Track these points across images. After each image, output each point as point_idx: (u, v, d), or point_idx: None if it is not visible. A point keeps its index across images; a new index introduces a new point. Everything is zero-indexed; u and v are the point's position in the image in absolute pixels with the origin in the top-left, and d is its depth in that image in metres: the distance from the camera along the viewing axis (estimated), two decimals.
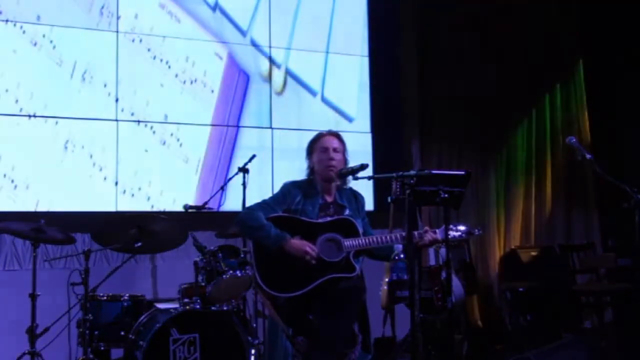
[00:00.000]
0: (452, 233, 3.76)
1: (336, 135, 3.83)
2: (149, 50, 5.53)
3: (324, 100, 6.16)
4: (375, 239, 3.64)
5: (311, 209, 3.70)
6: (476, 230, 3.92)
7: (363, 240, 3.62)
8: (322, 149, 3.75)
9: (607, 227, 6.94)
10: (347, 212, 3.75)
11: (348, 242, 3.60)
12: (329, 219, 3.68)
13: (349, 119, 6.23)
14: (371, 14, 6.44)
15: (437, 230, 3.72)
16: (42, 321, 4.17)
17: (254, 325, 4.72)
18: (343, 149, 3.81)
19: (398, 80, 6.51)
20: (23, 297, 4.18)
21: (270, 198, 3.76)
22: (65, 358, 4.35)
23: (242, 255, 4.45)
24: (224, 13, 5.84)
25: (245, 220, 3.65)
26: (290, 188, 3.75)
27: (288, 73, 6.05)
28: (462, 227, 3.81)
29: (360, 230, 3.68)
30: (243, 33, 5.91)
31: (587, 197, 7.00)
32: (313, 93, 6.14)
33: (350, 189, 3.88)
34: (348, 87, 6.30)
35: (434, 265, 5.18)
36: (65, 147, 5.20)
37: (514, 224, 6.75)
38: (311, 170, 3.81)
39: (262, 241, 3.57)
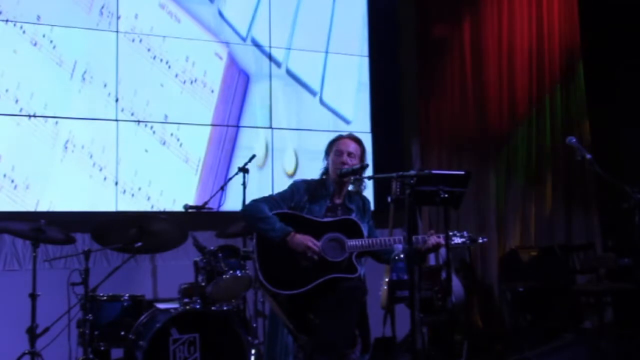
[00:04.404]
0: (456, 240, 3.77)
1: (355, 139, 3.86)
2: (149, 50, 5.53)
3: (323, 100, 6.16)
4: (378, 241, 3.65)
5: (318, 208, 3.71)
6: (480, 238, 3.93)
7: (366, 242, 3.63)
8: (338, 151, 3.78)
9: (607, 227, 6.93)
10: (353, 215, 3.76)
11: (351, 243, 3.61)
12: (334, 218, 3.69)
13: (347, 122, 6.22)
14: (371, 14, 6.44)
15: (441, 236, 3.72)
16: (42, 321, 4.17)
17: (254, 325, 4.72)
18: (360, 154, 3.83)
19: (398, 80, 6.51)
20: (23, 297, 4.18)
21: (278, 194, 3.77)
22: (65, 358, 4.34)
23: (242, 255, 4.44)
24: (224, 13, 5.84)
25: (251, 211, 3.66)
26: (299, 186, 3.76)
27: (288, 73, 6.05)
28: (466, 234, 3.83)
29: (365, 233, 3.69)
30: (243, 33, 5.91)
31: (587, 197, 7.00)
32: (313, 93, 6.14)
33: (357, 192, 3.89)
34: (347, 88, 6.29)
35: (434, 265, 5.18)
36: (65, 147, 5.20)
37: (514, 224, 6.75)
38: (326, 170, 3.83)
39: (266, 234, 3.57)
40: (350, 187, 3.87)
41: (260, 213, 3.60)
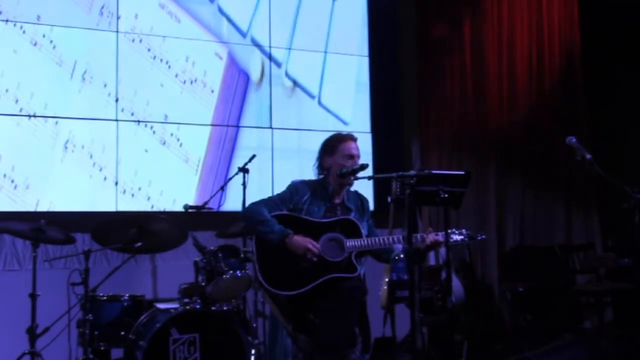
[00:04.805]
0: (455, 237, 3.77)
1: (356, 139, 3.87)
2: (149, 50, 5.53)
3: (321, 102, 6.15)
4: (377, 241, 3.65)
5: (317, 209, 3.72)
6: (479, 236, 3.93)
7: (365, 241, 3.63)
8: (348, 155, 3.77)
9: (607, 227, 6.93)
10: (352, 215, 3.76)
11: (350, 243, 3.62)
12: (332, 218, 3.70)
13: (345, 123, 6.21)
14: (371, 14, 6.44)
15: (439, 234, 3.73)
16: (42, 321, 4.17)
17: (254, 325, 4.72)
18: None
19: (398, 79, 6.51)
20: (23, 297, 4.18)
21: (277, 195, 3.77)
22: (65, 358, 4.34)
23: (242, 256, 4.44)
24: (224, 13, 5.84)
25: (249, 214, 3.68)
26: (298, 187, 3.77)
27: (287, 76, 6.04)
28: (464, 231, 3.83)
29: (364, 232, 3.69)
30: (243, 33, 5.91)
31: (587, 197, 7.00)
32: (313, 93, 6.13)
33: (356, 192, 3.90)
34: (346, 89, 6.29)
35: (434, 265, 5.18)
36: (65, 147, 5.20)
37: (514, 224, 6.75)
38: (326, 170, 3.80)
39: (265, 236, 3.58)
40: (353, 188, 3.88)
41: (260, 216, 3.61)
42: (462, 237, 3.81)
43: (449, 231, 3.73)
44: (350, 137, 3.86)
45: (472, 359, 5.15)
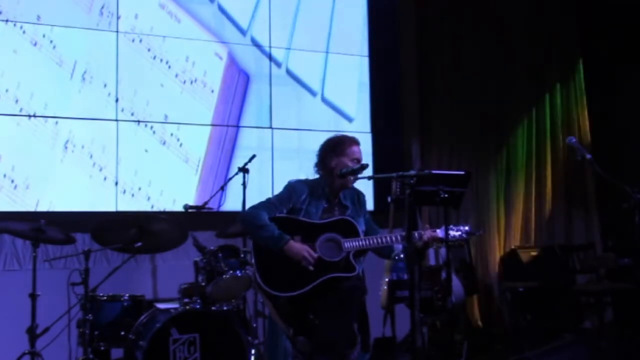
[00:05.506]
0: (453, 233, 3.77)
1: (359, 144, 3.86)
2: (149, 50, 5.53)
3: (324, 100, 6.16)
4: (375, 240, 3.65)
5: (315, 210, 3.71)
6: (477, 231, 3.93)
7: (363, 241, 3.64)
8: (355, 159, 3.76)
9: (607, 227, 6.94)
10: (349, 212, 3.76)
11: (348, 243, 3.62)
12: (329, 219, 3.70)
13: (349, 119, 6.23)
14: (371, 14, 6.44)
15: (437, 230, 3.73)
16: (42, 321, 4.17)
17: (254, 325, 4.73)
18: None
19: (398, 80, 6.51)
20: (23, 297, 4.18)
21: (275, 197, 3.76)
22: (65, 358, 4.35)
23: (242, 256, 4.44)
24: (224, 13, 5.84)
25: (248, 219, 3.68)
26: (296, 186, 3.76)
27: (288, 73, 6.05)
28: (462, 227, 3.82)
29: (361, 229, 3.69)
30: (243, 33, 5.91)
31: (587, 197, 7.00)
32: (313, 93, 6.14)
33: (352, 187, 3.89)
34: (348, 87, 6.29)
35: (434, 265, 5.19)
36: (65, 147, 5.20)
37: (514, 224, 6.75)
38: (328, 170, 3.78)
39: (263, 241, 3.58)
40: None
41: (258, 220, 3.60)
42: (460, 233, 3.80)
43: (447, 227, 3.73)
44: (357, 141, 3.86)
45: (472, 359, 5.15)
